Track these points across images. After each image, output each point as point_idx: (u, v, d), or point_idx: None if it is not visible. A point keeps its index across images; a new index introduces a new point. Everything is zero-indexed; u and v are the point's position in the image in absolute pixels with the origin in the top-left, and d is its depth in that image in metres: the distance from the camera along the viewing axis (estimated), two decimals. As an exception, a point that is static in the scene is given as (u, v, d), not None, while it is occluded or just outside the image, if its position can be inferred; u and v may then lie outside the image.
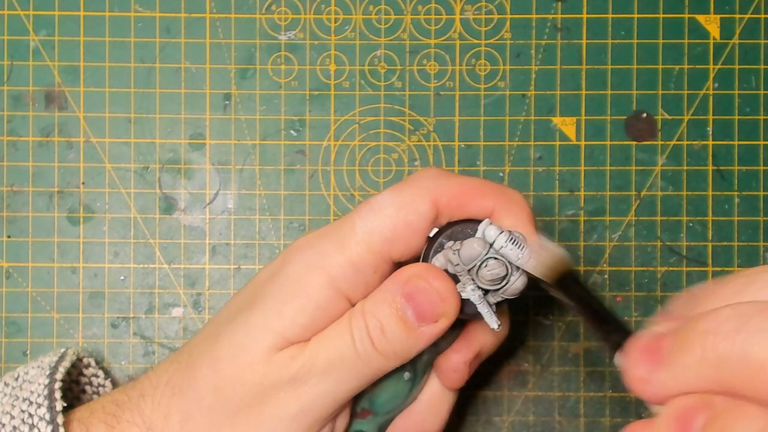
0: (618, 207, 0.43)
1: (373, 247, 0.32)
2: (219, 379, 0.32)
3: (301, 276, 0.32)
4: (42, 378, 0.34)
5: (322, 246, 0.32)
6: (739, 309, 0.22)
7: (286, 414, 0.31)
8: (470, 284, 0.31)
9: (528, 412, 0.43)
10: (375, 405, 0.35)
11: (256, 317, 0.32)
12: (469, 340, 0.35)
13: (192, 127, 0.43)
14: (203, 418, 0.32)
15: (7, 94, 0.43)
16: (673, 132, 0.44)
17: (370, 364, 0.32)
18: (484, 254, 0.31)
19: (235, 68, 0.43)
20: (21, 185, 0.43)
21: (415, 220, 0.32)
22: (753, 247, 0.43)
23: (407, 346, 0.32)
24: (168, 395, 0.32)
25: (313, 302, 0.32)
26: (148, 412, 0.32)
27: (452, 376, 0.35)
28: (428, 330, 0.32)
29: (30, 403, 0.33)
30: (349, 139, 0.43)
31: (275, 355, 0.32)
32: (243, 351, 0.32)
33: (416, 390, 0.35)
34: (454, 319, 0.32)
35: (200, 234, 0.43)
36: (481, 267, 0.31)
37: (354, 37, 0.44)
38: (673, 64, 0.44)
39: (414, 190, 0.32)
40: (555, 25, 0.44)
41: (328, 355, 0.31)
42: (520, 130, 0.43)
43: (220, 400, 0.32)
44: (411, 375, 0.34)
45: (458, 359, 0.35)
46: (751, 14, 0.44)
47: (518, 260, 0.31)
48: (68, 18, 0.43)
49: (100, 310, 0.43)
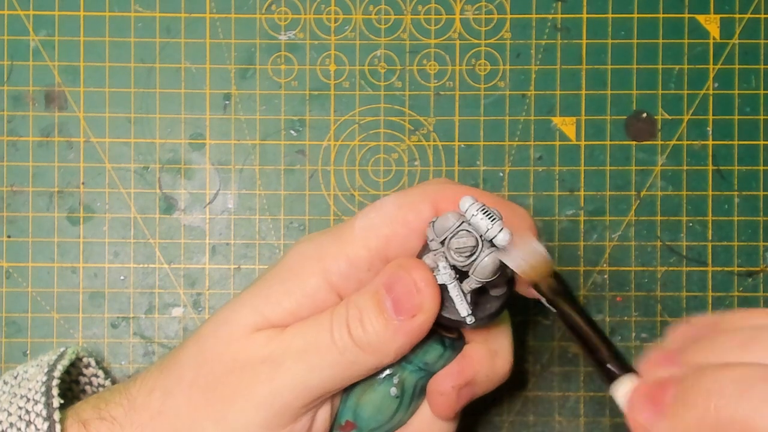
0: (618, 207, 0.43)
1: (370, 243, 0.32)
2: (199, 355, 0.32)
3: (294, 263, 0.33)
4: (40, 375, 0.34)
5: (321, 240, 0.33)
6: (744, 373, 0.22)
7: (256, 394, 0.31)
8: (442, 261, 0.31)
9: (528, 412, 0.43)
10: (359, 418, 0.34)
11: (243, 296, 0.33)
12: (463, 365, 0.34)
13: (192, 127, 0.43)
14: (182, 394, 0.32)
15: (7, 94, 0.43)
16: (673, 132, 0.44)
17: (344, 355, 0.31)
18: (456, 225, 0.30)
19: (235, 68, 0.43)
20: (21, 185, 0.43)
21: (413, 220, 0.32)
22: (753, 247, 0.43)
23: (383, 339, 0.31)
24: (155, 374, 0.33)
25: (301, 288, 0.32)
26: (134, 392, 0.33)
27: (439, 400, 0.34)
28: (405, 325, 0.31)
29: (27, 400, 0.33)
30: (349, 139, 0.43)
31: (254, 333, 0.32)
32: (224, 325, 0.32)
33: (404, 412, 0.34)
34: (431, 317, 0.31)
35: (200, 234, 0.43)
36: (452, 239, 0.30)
37: (354, 37, 0.44)
38: (673, 64, 0.44)
39: (417, 192, 0.33)
40: (555, 25, 0.44)
41: (304, 340, 0.31)
42: (520, 130, 0.43)
43: (200, 376, 0.32)
44: (398, 392, 0.33)
45: (446, 382, 0.33)
46: (751, 14, 0.44)
47: (488, 231, 0.30)
48: (68, 18, 0.43)
49: (100, 310, 0.43)
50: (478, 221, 0.30)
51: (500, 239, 0.30)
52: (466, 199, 0.31)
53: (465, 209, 0.30)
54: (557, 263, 0.43)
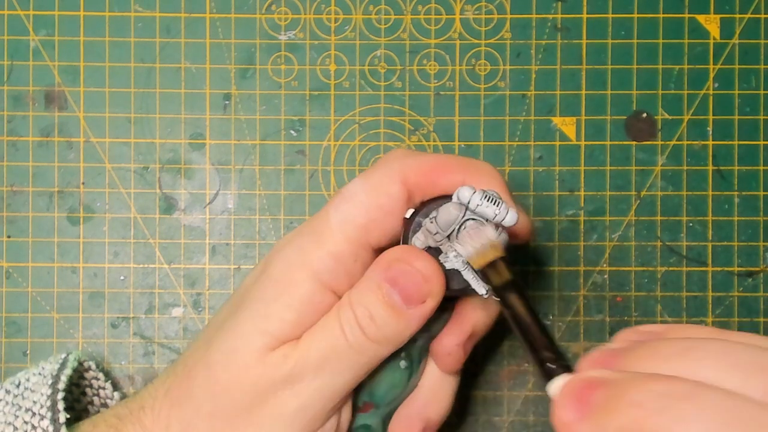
0: (618, 207, 0.43)
1: (350, 235, 0.32)
2: (214, 386, 0.32)
3: (283, 274, 0.32)
4: (44, 388, 0.34)
5: (301, 242, 0.33)
6: (669, 387, 0.22)
7: (285, 413, 0.31)
8: (452, 252, 0.31)
9: (528, 412, 0.43)
10: (375, 397, 0.35)
11: (244, 320, 0.32)
12: (461, 322, 0.35)
13: (192, 127, 0.43)
14: (203, 424, 0.32)
15: (7, 94, 0.43)
16: (673, 132, 0.44)
17: (363, 353, 0.32)
18: (461, 217, 0.30)
19: (235, 68, 0.43)
20: (21, 185, 0.43)
21: (387, 203, 0.32)
22: (753, 247, 0.43)
23: (398, 330, 0.32)
24: (167, 406, 0.32)
25: (298, 298, 0.32)
26: (149, 424, 0.32)
27: (447, 359, 0.35)
28: (417, 312, 0.31)
29: (33, 414, 0.33)
30: (349, 139, 0.43)
31: (268, 355, 0.31)
32: (235, 355, 0.32)
33: (415, 378, 0.35)
34: (441, 298, 0.32)
35: (200, 234, 0.43)
36: (460, 230, 0.30)
37: (354, 37, 0.44)
38: (673, 64, 0.44)
39: (382, 172, 0.33)
40: (555, 25, 0.44)
41: (320, 350, 0.31)
42: (520, 130, 0.43)
43: (219, 406, 0.32)
44: (407, 363, 0.34)
45: (451, 342, 0.34)
46: (751, 14, 0.44)
47: (496, 217, 0.30)
48: (68, 18, 0.43)
49: (100, 310, 0.43)
50: (484, 210, 0.30)
51: (509, 220, 0.30)
52: (465, 189, 0.30)
53: (468, 200, 0.30)
54: (557, 263, 0.43)
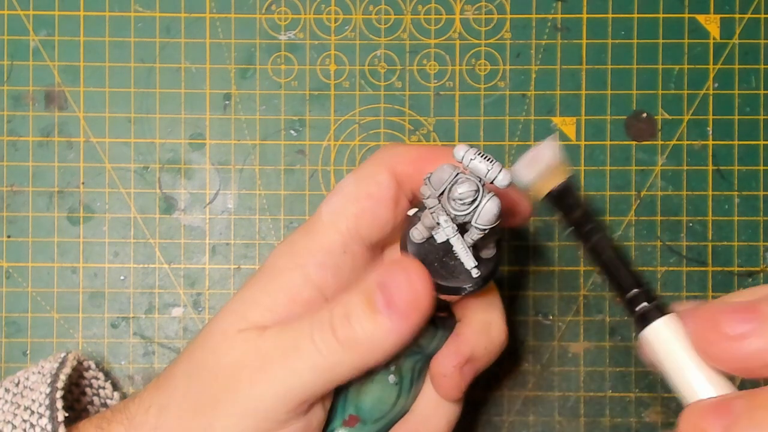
0: (618, 207, 0.43)
1: (340, 225, 0.32)
2: (190, 365, 0.32)
3: (270, 265, 0.32)
4: (43, 387, 0.34)
5: (293, 237, 0.33)
6: None
7: (238, 401, 0.30)
8: (443, 215, 0.30)
9: (528, 412, 0.43)
10: (361, 411, 0.33)
11: (228, 304, 0.32)
12: (459, 342, 0.33)
13: (192, 127, 0.43)
14: (175, 407, 0.31)
15: (7, 94, 0.43)
16: (673, 132, 0.44)
17: (327, 357, 0.30)
18: (453, 174, 0.30)
19: (235, 68, 0.43)
20: (21, 185, 0.43)
21: (376, 191, 0.32)
22: (753, 247, 0.43)
23: (372, 338, 0.29)
24: (152, 391, 0.33)
25: (277, 284, 0.32)
26: (133, 410, 0.32)
27: (443, 381, 0.33)
28: (397, 324, 0.29)
29: (32, 413, 0.33)
30: (349, 139, 0.43)
31: (234, 336, 0.31)
32: (209, 333, 0.32)
33: (406, 398, 0.34)
34: (426, 315, 0.30)
35: (200, 234, 0.43)
36: (451, 190, 0.30)
37: (354, 37, 0.44)
38: (673, 64, 0.44)
39: (372, 163, 0.33)
40: (555, 25, 0.44)
41: (282, 343, 0.30)
42: (520, 130, 0.43)
43: (190, 387, 0.31)
44: (396, 378, 0.33)
45: (448, 362, 0.33)
46: (751, 14, 0.44)
47: (488, 173, 0.29)
48: (68, 18, 0.43)
49: (100, 310, 0.43)
50: (477, 165, 0.29)
51: (501, 180, 0.29)
52: (461, 146, 0.30)
53: (461, 156, 0.29)
54: (558, 263, 0.43)
